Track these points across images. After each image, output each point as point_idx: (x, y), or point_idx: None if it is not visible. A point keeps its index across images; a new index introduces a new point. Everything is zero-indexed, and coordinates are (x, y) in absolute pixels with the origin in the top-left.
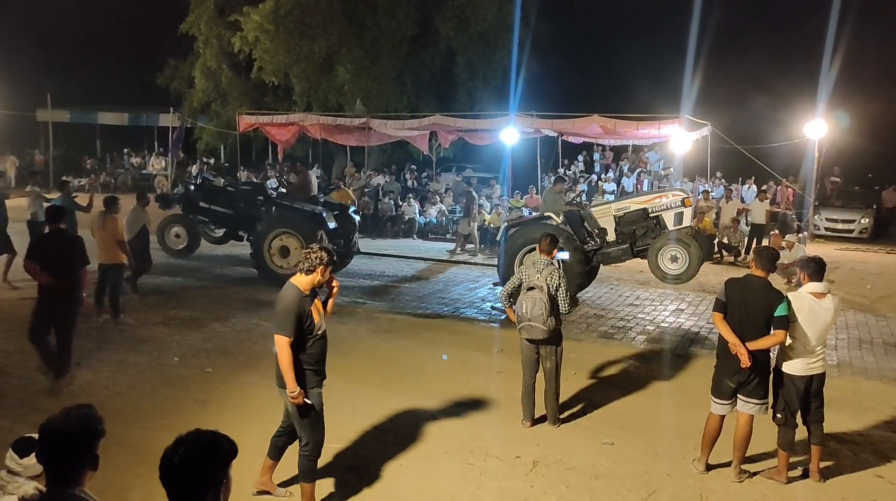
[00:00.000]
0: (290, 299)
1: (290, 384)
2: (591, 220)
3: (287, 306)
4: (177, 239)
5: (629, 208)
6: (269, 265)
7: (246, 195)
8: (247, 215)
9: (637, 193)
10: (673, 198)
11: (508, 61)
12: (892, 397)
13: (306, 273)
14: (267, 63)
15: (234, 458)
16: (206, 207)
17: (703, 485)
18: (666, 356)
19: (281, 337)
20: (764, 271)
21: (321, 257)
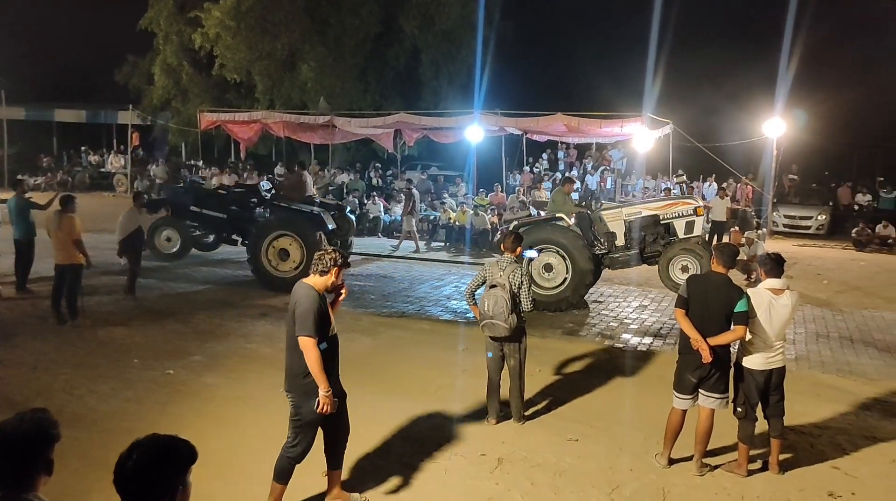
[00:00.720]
0: (309, 300)
1: (322, 384)
2: (600, 223)
3: (308, 307)
4: (168, 243)
5: (640, 213)
6: (267, 269)
7: (239, 198)
8: (241, 219)
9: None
10: (685, 206)
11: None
12: (849, 390)
13: (320, 274)
14: (228, 60)
15: (193, 463)
16: (198, 211)
17: (665, 479)
18: (629, 352)
19: (307, 338)
20: (724, 268)
21: (335, 259)
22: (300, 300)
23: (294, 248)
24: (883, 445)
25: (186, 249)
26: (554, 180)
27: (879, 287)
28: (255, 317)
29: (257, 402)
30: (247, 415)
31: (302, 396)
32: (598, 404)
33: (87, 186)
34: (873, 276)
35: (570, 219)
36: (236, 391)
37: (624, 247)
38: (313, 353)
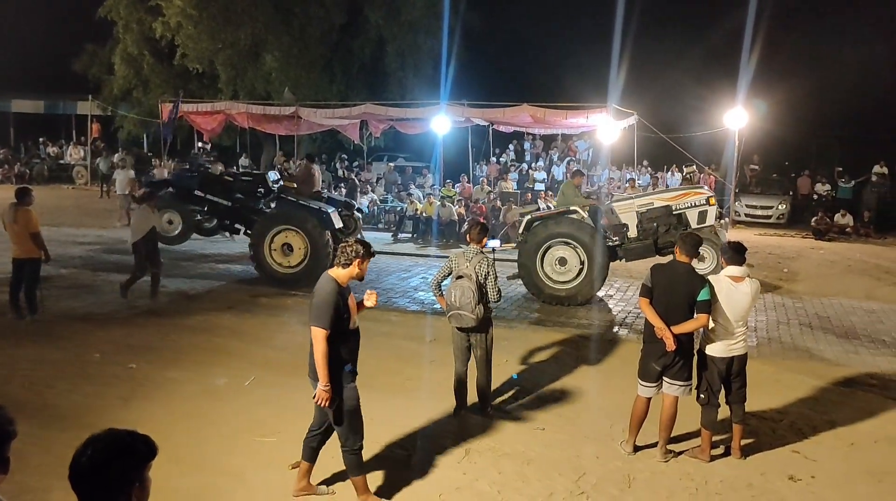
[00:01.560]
0: (327, 291)
1: (323, 378)
2: (611, 215)
3: (325, 299)
4: (169, 225)
5: (653, 204)
6: (269, 263)
7: (245, 187)
8: (246, 208)
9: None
10: (698, 196)
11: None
12: (808, 375)
13: (343, 267)
14: (190, 50)
15: (152, 459)
16: (202, 196)
17: (630, 466)
18: (595, 342)
19: (318, 329)
20: (688, 257)
21: (357, 251)
22: (319, 291)
23: (298, 243)
24: (841, 429)
25: (188, 233)
26: (520, 171)
27: (838, 275)
28: (220, 310)
29: (223, 395)
30: (213, 409)
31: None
32: (564, 393)
33: (45, 178)
34: (832, 264)
35: (583, 212)
36: (202, 385)
37: (637, 238)
38: (321, 345)
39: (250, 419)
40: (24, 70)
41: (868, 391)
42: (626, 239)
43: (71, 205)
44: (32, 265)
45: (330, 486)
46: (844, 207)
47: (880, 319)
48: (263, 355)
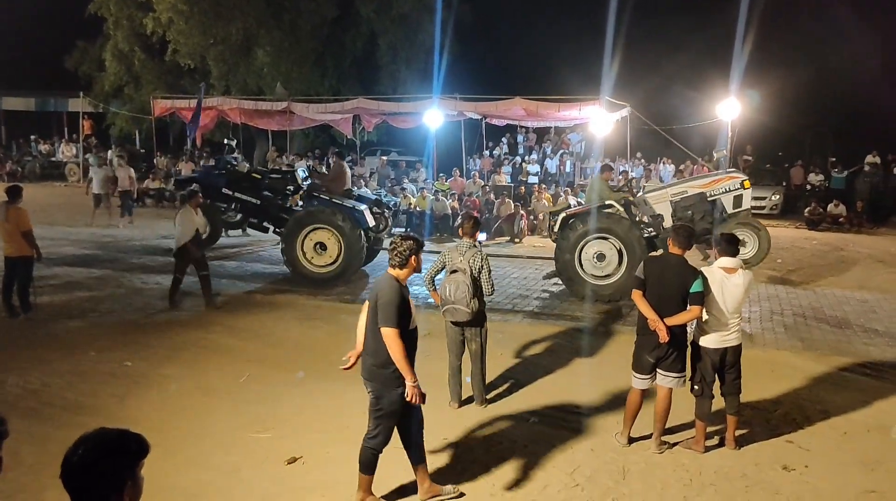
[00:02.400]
0: (393, 291)
1: (409, 375)
2: (644, 206)
3: (391, 298)
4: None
5: (686, 192)
6: (301, 262)
7: (274, 184)
8: (275, 206)
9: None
10: (731, 181)
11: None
12: (802, 365)
13: (400, 267)
14: (182, 45)
15: (144, 457)
16: (230, 194)
17: (625, 458)
18: (589, 334)
19: (390, 329)
20: (681, 249)
21: (410, 248)
22: (383, 291)
23: (332, 242)
24: (835, 418)
25: (216, 236)
26: (514, 165)
27: (831, 265)
28: (213, 307)
29: (218, 392)
30: (208, 406)
31: (382, 386)
32: (559, 385)
33: (37, 176)
34: (825, 254)
35: (618, 206)
36: (197, 382)
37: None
38: (397, 344)
39: (246, 415)
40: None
41: (861, 381)
42: (661, 229)
43: (63, 202)
44: (25, 264)
45: (456, 486)
46: (837, 197)
47: (873, 308)
48: (258, 351)
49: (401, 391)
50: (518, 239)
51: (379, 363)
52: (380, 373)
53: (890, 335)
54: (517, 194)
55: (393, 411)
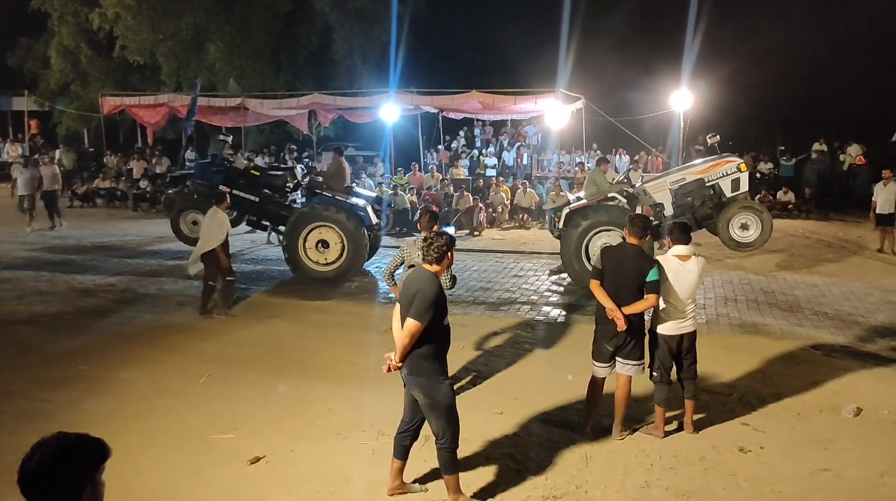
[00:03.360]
0: (433, 287)
1: (399, 353)
2: (644, 196)
3: (431, 296)
4: (194, 226)
5: (685, 179)
6: (303, 260)
7: (273, 181)
8: (273, 203)
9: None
10: (728, 165)
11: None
12: (756, 350)
13: (436, 263)
14: (130, 41)
15: (104, 462)
16: (227, 191)
17: (587, 445)
18: (549, 324)
19: (417, 323)
20: (637, 239)
21: (447, 243)
22: (424, 287)
23: (334, 240)
24: (788, 400)
25: None
26: (471, 158)
27: (781, 251)
28: (171, 307)
29: (178, 394)
30: (168, 408)
31: (429, 379)
32: (521, 376)
33: None
34: (775, 241)
35: (621, 198)
36: (156, 385)
37: (674, 216)
38: (412, 338)
39: (207, 416)
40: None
41: (813, 363)
42: (663, 218)
43: (10, 204)
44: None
45: (423, 484)
46: (786, 184)
47: (822, 292)
48: (217, 351)
49: (449, 382)
50: (477, 232)
51: (420, 355)
52: (425, 366)
53: (839, 318)
54: (475, 188)
55: (450, 403)
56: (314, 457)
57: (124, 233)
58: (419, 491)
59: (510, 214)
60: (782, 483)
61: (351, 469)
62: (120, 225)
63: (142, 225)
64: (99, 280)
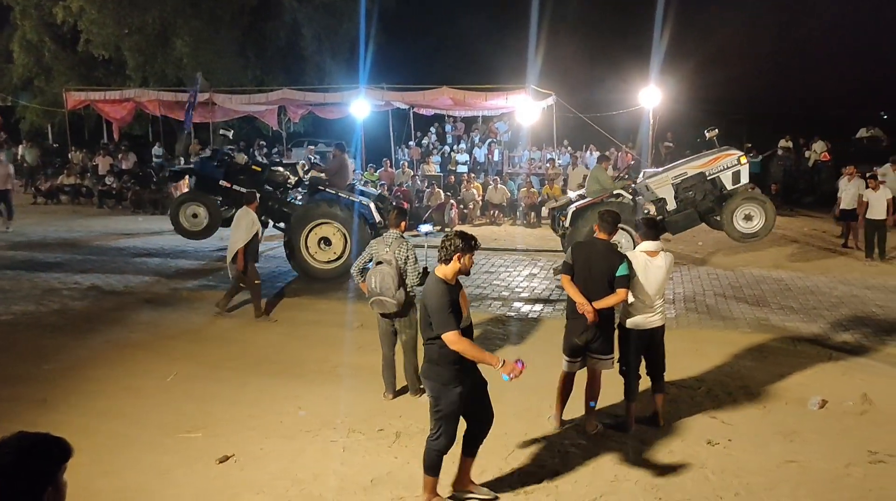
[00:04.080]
0: (439, 294)
1: (492, 359)
2: (647, 192)
3: (439, 302)
4: (194, 219)
5: (686, 173)
6: (306, 258)
7: (275, 178)
8: (274, 199)
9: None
10: (729, 158)
11: (356, 34)
12: (723, 343)
13: (445, 263)
14: (95, 35)
15: (66, 461)
16: (227, 186)
17: (558, 440)
18: (520, 320)
19: (449, 334)
20: (607, 234)
21: (456, 245)
22: (428, 295)
23: (337, 237)
24: (755, 393)
25: (214, 227)
26: (442, 154)
27: (748, 246)
28: (137, 305)
29: (145, 393)
30: (135, 406)
31: (439, 385)
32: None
33: None
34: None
35: (627, 194)
36: (122, 383)
37: (677, 210)
38: (462, 345)
39: (175, 415)
40: None
41: (779, 356)
42: (665, 213)
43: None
44: None
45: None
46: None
47: (788, 286)
48: (185, 349)
49: (458, 391)
50: (448, 228)
51: (433, 361)
52: (435, 371)
53: (804, 312)
54: (447, 184)
55: (452, 411)
56: (284, 455)
57: (89, 230)
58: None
59: (481, 210)
60: (749, 475)
61: (321, 467)
62: (85, 222)
63: (107, 222)
64: (64, 278)
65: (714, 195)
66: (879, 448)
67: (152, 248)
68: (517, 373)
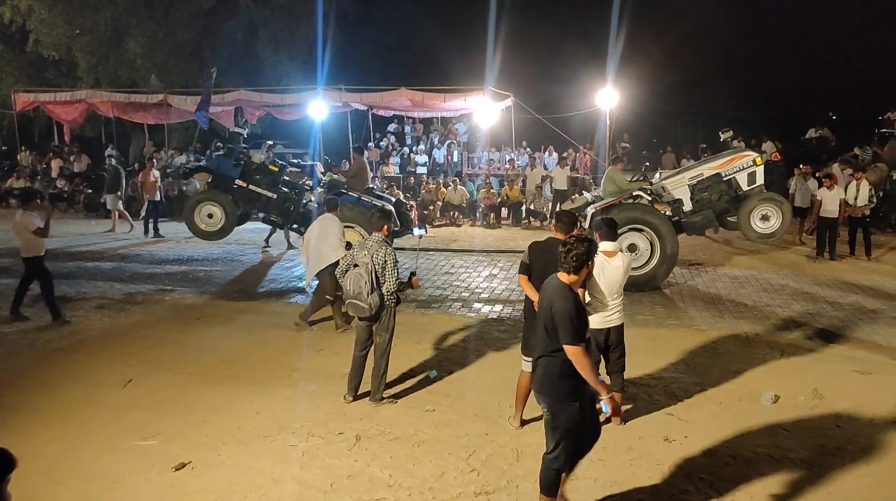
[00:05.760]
0: (570, 302)
1: (603, 389)
2: (664, 193)
3: (570, 310)
4: (209, 219)
5: (703, 174)
6: None
7: (293, 179)
8: (290, 200)
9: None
10: (744, 159)
11: (314, 35)
12: (679, 341)
13: (574, 272)
14: (45, 35)
15: (10, 472)
16: (244, 186)
17: (518, 440)
18: (480, 322)
19: (574, 347)
20: (564, 234)
21: (587, 251)
22: (556, 301)
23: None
24: (711, 390)
25: (230, 227)
26: (402, 155)
27: (703, 245)
28: (90, 310)
29: (98, 400)
30: (89, 414)
31: (557, 400)
32: (452, 373)
33: None
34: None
35: (647, 196)
36: (72, 391)
37: (693, 211)
38: (583, 360)
39: (129, 422)
40: None
41: (733, 353)
42: (682, 214)
43: None
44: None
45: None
46: None
47: (742, 284)
48: (141, 354)
49: (577, 405)
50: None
51: (551, 374)
52: (553, 386)
53: (758, 309)
54: (406, 185)
55: (572, 427)
56: (242, 461)
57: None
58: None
59: (441, 211)
60: (706, 471)
61: (280, 472)
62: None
63: (59, 226)
64: (13, 284)
65: (729, 196)
66: (830, 441)
67: (105, 252)
68: (619, 413)
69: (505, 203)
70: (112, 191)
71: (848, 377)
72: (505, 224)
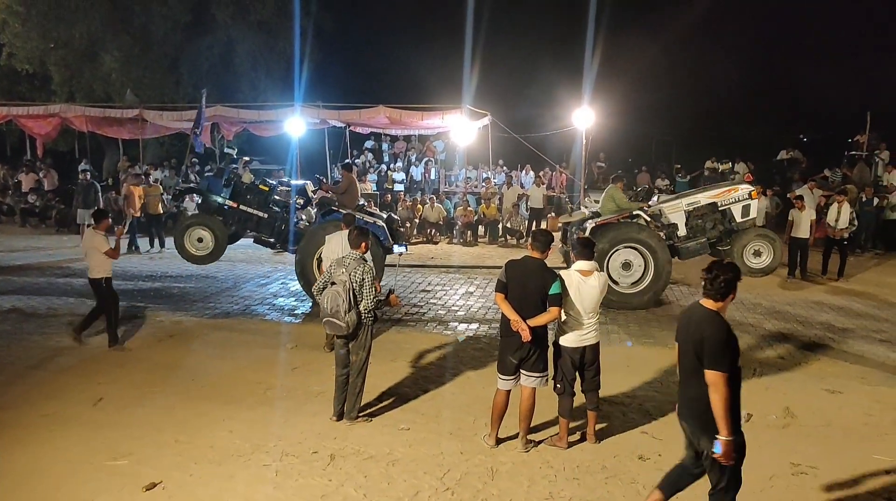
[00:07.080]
0: (722, 329)
1: (725, 429)
2: (660, 216)
3: (725, 338)
4: (199, 243)
5: (699, 202)
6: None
7: (283, 197)
8: (282, 220)
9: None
10: (741, 191)
11: (292, 52)
12: (653, 360)
13: (720, 299)
14: (18, 49)
15: None
16: (234, 206)
17: (493, 459)
18: (456, 339)
19: (719, 374)
20: (540, 253)
21: (736, 277)
22: (710, 329)
23: None
24: None
25: (220, 250)
26: (379, 172)
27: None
28: (62, 328)
29: (67, 419)
30: (58, 435)
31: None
32: (427, 391)
33: None
34: None
35: (646, 216)
36: (41, 409)
37: (687, 236)
38: (723, 391)
39: (99, 441)
40: None
41: None
42: (676, 238)
43: None
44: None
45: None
46: None
47: None
48: (112, 373)
49: (742, 437)
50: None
51: (706, 401)
52: (708, 415)
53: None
54: (383, 202)
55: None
56: (214, 481)
57: (11, 249)
58: None
59: (418, 228)
60: None
61: (253, 492)
62: (6, 241)
63: (30, 241)
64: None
65: (723, 226)
66: (801, 460)
67: (77, 268)
68: (732, 460)
69: (482, 221)
70: (87, 206)
71: (819, 396)
72: (482, 242)
